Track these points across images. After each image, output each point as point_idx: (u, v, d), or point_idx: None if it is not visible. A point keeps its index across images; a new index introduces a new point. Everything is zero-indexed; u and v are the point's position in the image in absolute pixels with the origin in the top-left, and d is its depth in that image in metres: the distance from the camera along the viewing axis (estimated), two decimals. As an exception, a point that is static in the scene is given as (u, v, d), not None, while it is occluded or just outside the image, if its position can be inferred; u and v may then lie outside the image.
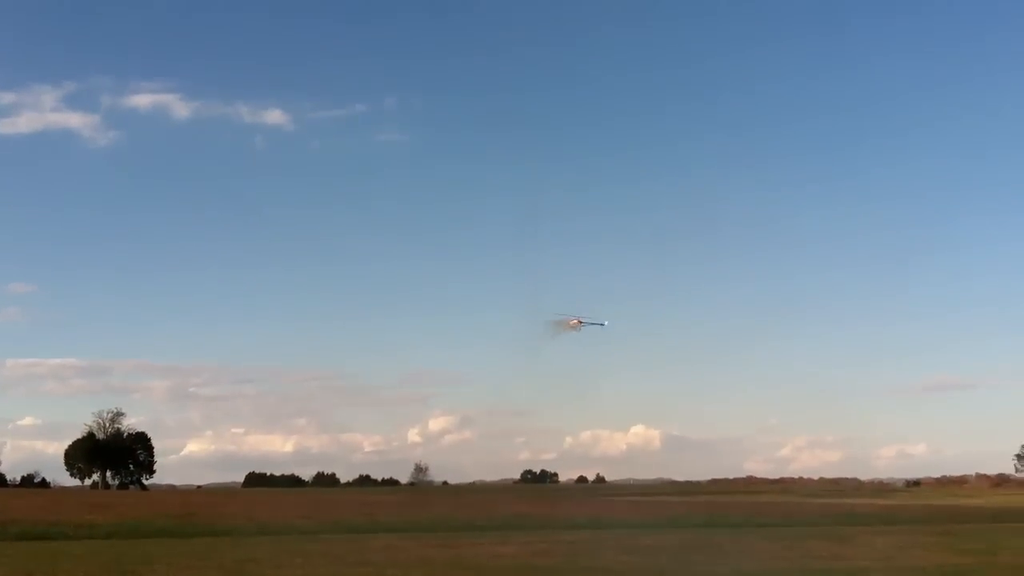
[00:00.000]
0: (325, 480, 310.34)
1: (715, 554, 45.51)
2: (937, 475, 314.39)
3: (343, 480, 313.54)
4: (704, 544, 52.86)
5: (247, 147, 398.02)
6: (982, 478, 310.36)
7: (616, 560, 42.03)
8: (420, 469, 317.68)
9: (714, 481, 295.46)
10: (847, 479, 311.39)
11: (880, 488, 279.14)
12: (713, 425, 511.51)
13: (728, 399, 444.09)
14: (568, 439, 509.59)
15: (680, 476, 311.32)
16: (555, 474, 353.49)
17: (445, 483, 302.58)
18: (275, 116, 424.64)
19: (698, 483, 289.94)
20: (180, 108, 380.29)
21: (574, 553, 45.94)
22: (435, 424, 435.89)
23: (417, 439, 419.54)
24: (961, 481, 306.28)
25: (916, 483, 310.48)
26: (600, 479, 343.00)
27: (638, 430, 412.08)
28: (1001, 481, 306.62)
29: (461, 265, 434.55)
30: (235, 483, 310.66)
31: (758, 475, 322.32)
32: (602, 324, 74.34)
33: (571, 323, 71.67)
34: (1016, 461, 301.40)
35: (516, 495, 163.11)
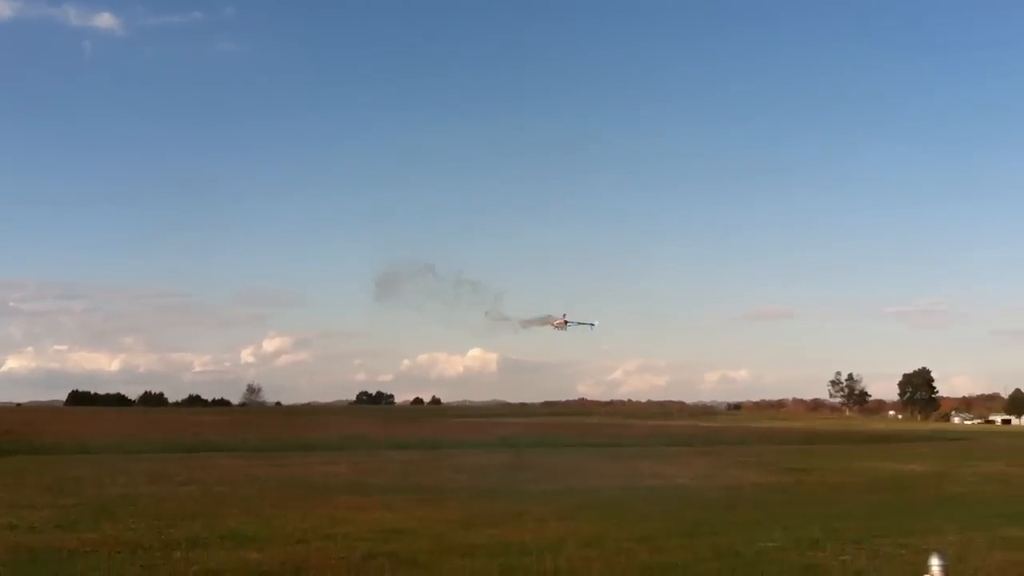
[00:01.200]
0: (152, 400, 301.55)
1: (544, 472, 46.14)
2: (757, 399, 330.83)
3: (172, 400, 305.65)
4: (534, 463, 53.60)
5: (74, 52, 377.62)
6: (799, 402, 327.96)
7: (447, 478, 42.05)
8: (253, 390, 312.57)
9: (548, 403, 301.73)
10: (674, 402, 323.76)
11: (704, 411, 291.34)
12: (548, 349, 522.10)
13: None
14: (405, 361, 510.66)
15: (515, 399, 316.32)
16: (391, 396, 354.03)
17: (278, 404, 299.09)
18: (105, 20, 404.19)
19: (532, 405, 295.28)
20: (1, 7, 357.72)
21: (406, 472, 45.74)
22: (270, 344, 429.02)
23: (251, 359, 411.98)
24: (779, 405, 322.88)
25: (737, 406, 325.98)
26: (436, 401, 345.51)
27: (475, 353, 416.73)
28: (816, 405, 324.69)
29: (302, 184, 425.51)
30: (57, 401, 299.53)
31: (590, 398, 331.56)
32: (591, 325, 69.47)
33: (556, 323, 67.28)
34: (830, 387, 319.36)
35: (351, 416, 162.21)
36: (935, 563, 4.75)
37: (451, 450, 68.28)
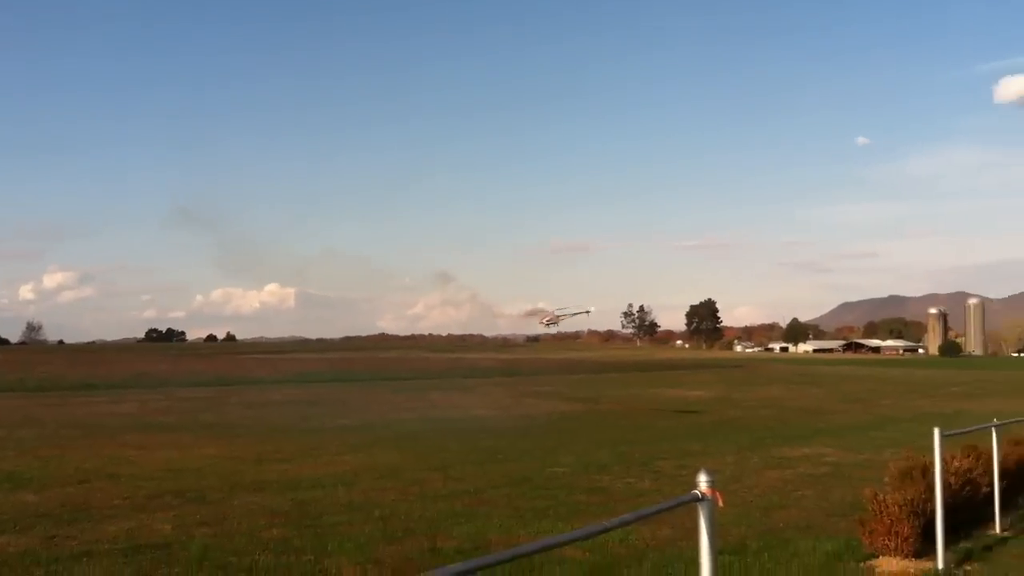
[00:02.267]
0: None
1: (338, 407, 45.75)
2: (554, 331, 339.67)
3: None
4: (329, 398, 53.09)
5: None
6: (593, 334, 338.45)
7: (237, 415, 41.02)
8: (32, 327, 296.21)
9: (347, 338, 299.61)
10: (473, 335, 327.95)
11: (503, 344, 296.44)
12: (348, 283, 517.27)
13: (363, 258, 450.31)
14: (198, 297, 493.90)
15: (313, 334, 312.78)
16: (182, 333, 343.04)
17: (61, 343, 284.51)
18: None
19: (331, 340, 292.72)
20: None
21: (195, 410, 44.29)
22: (51, 280, 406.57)
23: (30, 296, 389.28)
24: (575, 337, 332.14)
25: (536, 339, 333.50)
26: (231, 338, 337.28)
27: (272, 288, 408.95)
28: (609, 337, 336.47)
29: (83, 103, 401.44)
30: None
31: (390, 332, 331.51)
32: (587, 312, 64.14)
33: (545, 319, 61.13)
34: (623, 319, 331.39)
35: (138, 354, 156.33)
36: (702, 480, 4.76)
37: (244, 387, 66.76)
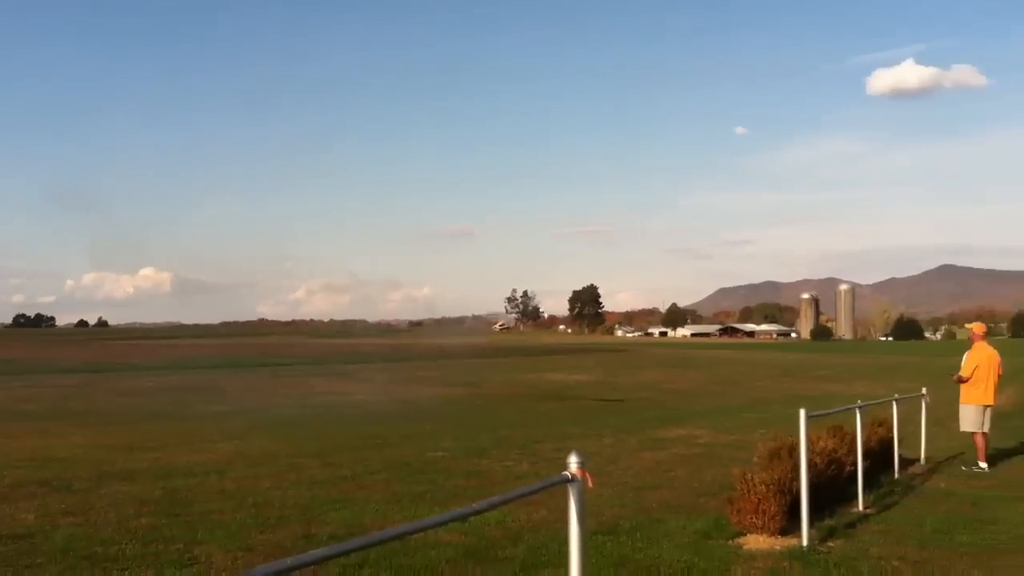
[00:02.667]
0: None
1: (214, 394, 44.78)
2: (439, 316, 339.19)
3: None
4: (205, 385, 51.95)
5: None
6: (478, 319, 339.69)
7: (108, 402, 39.75)
8: None
9: (226, 324, 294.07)
10: (356, 321, 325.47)
11: (386, 329, 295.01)
12: (227, 268, 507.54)
13: (242, 242, 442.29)
14: (69, 282, 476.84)
15: (191, 319, 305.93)
16: (52, 318, 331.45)
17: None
18: None
19: (209, 326, 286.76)
20: None
21: (65, 397, 42.78)
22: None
23: None
24: (459, 322, 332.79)
25: (419, 324, 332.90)
26: (103, 323, 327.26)
27: (147, 272, 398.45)
28: (494, 321, 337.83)
29: None
30: None
31: (271, 318, 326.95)
32: None
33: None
34: (507, 304, 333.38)
35: (4, 339, 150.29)
36: (572, 461, 4.79)
37: (116, 374, 64.81)
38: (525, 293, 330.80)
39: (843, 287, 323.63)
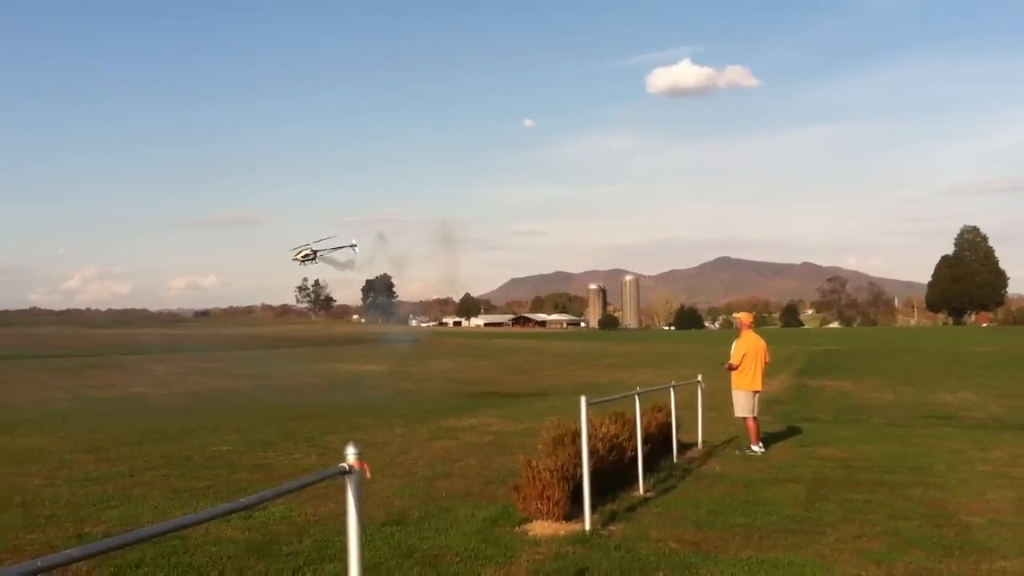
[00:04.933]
0: None
1: (-21, 388, 41.90)
2: (226, 306, 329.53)
3: None
4: (-31, 378, 48.52)
5: None
6: (267, 308, 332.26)
7: None
8: None
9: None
10: (137, 310, 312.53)
11: (170, 318, 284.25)
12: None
13: (9, 226, 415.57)
14: None
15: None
16: None
17: None
18: None
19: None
20: None
21: None
22: None
23: None
24: (248, 311, 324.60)
25: (205, 313, 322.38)
26: None
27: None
28: (285, 311, 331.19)
29: None
30: None
31: (43, 307, 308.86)
32: (353, 246, 56.33)
33: (298, 255, 53.59)
34: (297, 293, 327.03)
35: None
36: (350, 452, 4.74)
37: None
38: (317, 282, 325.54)
39: (628, 278, 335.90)
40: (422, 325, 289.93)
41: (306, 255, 54.05)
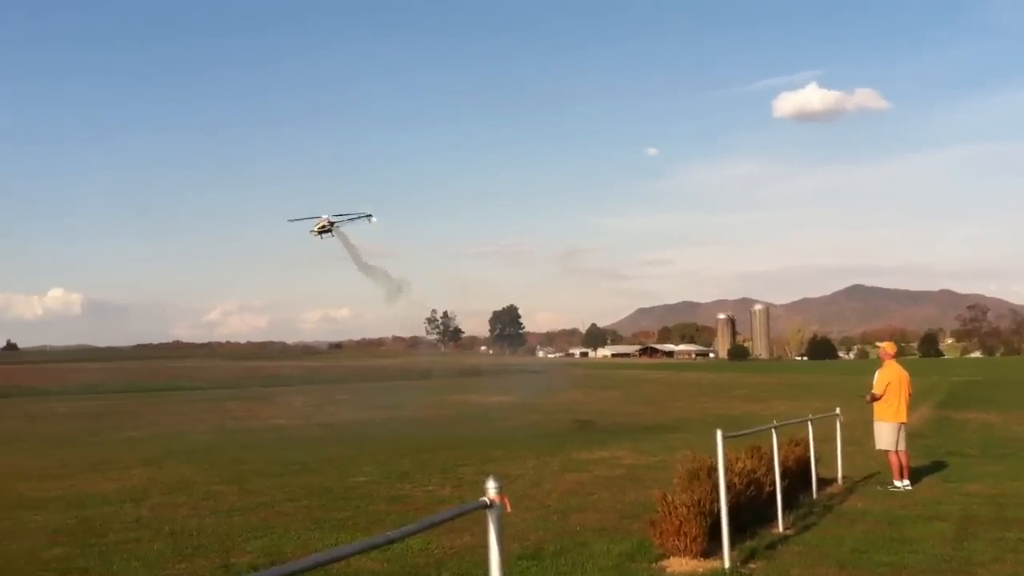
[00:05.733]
0: None
1: (128, 418, 43.77)
2: (358, 338, 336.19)
3: None
4: (118, 409, 50.76)
5: None
6: (398, 340, 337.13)
7: (18, 428, 38.64)
8: None
9: (139, 347, 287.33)
10: (274, 342, 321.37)
11: (306, 350, 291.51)
12: (139, 288, 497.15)
13: (154, 261, 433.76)
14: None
15: (103, 342, 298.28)
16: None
17: None
18: None
19: (122, 349, 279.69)
20: None
21: (-31, 424, 41.46)
22: None
23: None
24: (379, 343, 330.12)
25: (338, 345, 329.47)
26: (12, 346, 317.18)
27: (56, 293, 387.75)
28: (414, 343, 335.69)
29: None
30: None
31: (185, 340, 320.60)
32: (369, 217, 55.78)
33: (316, 228, 53.59)
34: (427, 324, 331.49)
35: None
36: (491, 486, 4.82)
37: (26, 399, 63.01)
38: (445, 314, 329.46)
39: (758, 307, 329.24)
40: (549, 356, 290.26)
41: (323, 227, 53.82)
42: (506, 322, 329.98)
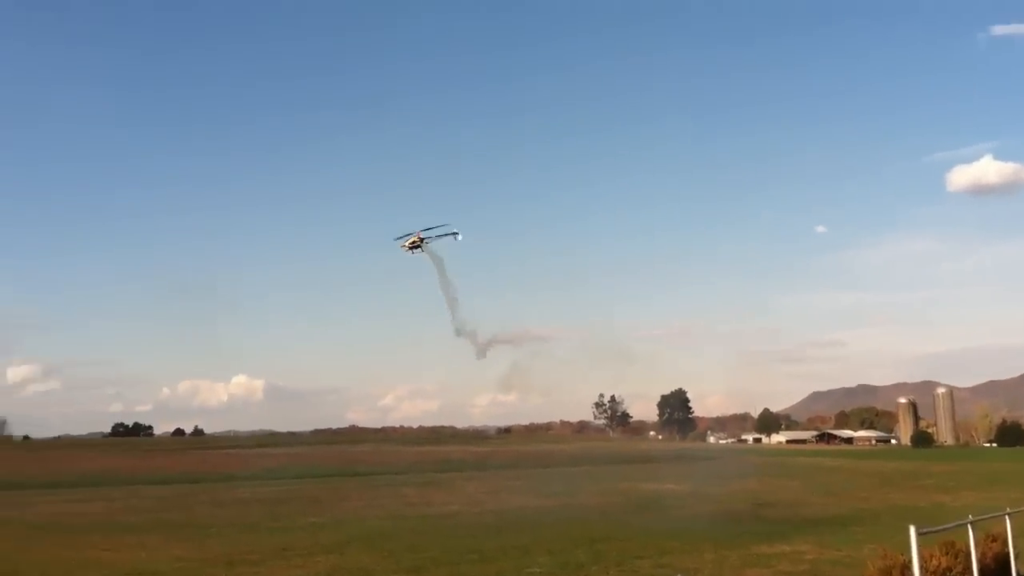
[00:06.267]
0: None
1: (309, 504, 45.00)
2: (527, 422, 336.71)
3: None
4: (300, 495, 52.25)
5: None
6: (566, 425, 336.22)
7: (207, 514, 40.27)
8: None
9: (317, 431, 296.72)
10: (445, 427, 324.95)
11: (475, 435, 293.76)
12: (316, 375, 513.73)
13: (329, 348, 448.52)
14: (165, 390, 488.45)
15: (283, 427, 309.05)
16: (149, 427, 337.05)
17: (27, 438, 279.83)
18: None
19: (301, 434, 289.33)
20: None
21: (163, 508, 43.52)
22: (15, 373, 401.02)
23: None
24: (547, 428, 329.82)
25: (507, 430, 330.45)
26: (199, 432, 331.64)
27: (240, 380, 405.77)
28: (582, 427, 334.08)
29: (38, 204, 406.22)
30: None
31: (360, 424, 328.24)
32: (455, 235, 58.78)
33: (406, 244, 56.06)
34: (594, 409, 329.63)
35: (104, 450, 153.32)
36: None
37: (213, 484, 65.67)
38: (613, 398, 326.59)
39: (941, 390, 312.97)
40: (721, 442, 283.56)
41: (413, 243, 55.59)
42: (675, 406, 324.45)
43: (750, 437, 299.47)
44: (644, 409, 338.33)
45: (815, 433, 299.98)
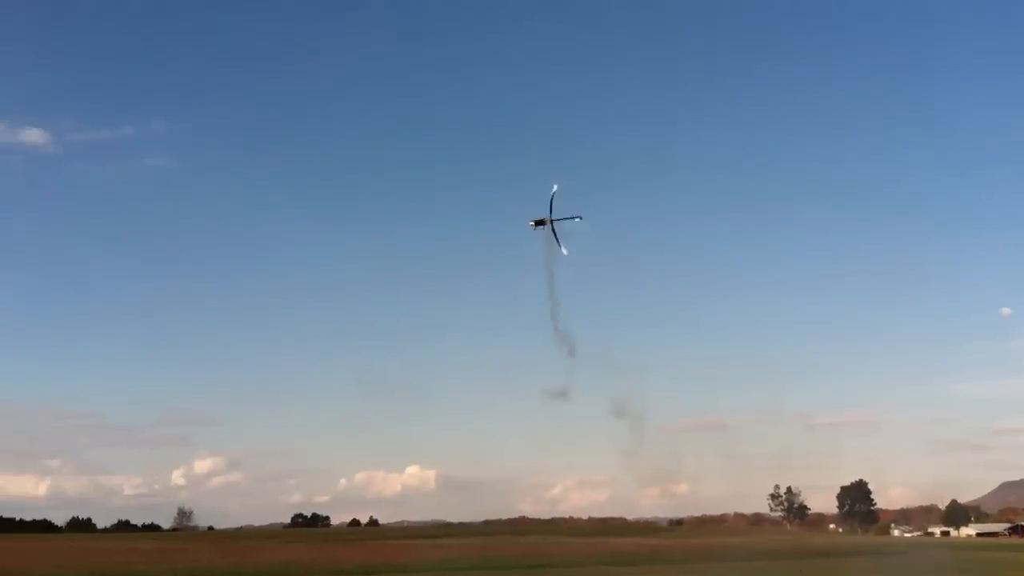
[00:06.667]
0: (80, 525, 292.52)
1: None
2: (698, 514, 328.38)
3: (100, 526, 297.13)
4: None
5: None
6: (740, 517, 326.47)
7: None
8: (184, 513, 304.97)
9: (487, 522, 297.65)
10: (614, 519, 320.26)
11: (646, 527, 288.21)
12: (487, 465, 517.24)
13: (500, 439, 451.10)
14: (342, 480, 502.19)
15: (454, 517, 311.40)
16: (327, 517, 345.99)
17: (211, 528, 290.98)
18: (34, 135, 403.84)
19: (472, 524, 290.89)
20: None
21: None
22: (201, 465, 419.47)
23: (181, 481, 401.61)
24: (721, 520, 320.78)
25: (679, 522, 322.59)
26: (373, 522, 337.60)
27: (413, 471, 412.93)
28: (757, 520, 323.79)
29: (214, 298, 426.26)
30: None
31: (530, 515, 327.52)
32: (578, 218, 71.78)
33: (533, 222, 69.65)
34: (770, 500, 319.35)
35: (284, 540, 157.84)
36: None
37: (385, 575, 66.59)
38: (789, 489, 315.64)
39: None
40: (906, 535, 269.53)
41: (539, 220, 68.83)
42: (856, 498, 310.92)
43: (937, 530, 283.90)
44: (822, 501, 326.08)
45: (1008, 525, 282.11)
